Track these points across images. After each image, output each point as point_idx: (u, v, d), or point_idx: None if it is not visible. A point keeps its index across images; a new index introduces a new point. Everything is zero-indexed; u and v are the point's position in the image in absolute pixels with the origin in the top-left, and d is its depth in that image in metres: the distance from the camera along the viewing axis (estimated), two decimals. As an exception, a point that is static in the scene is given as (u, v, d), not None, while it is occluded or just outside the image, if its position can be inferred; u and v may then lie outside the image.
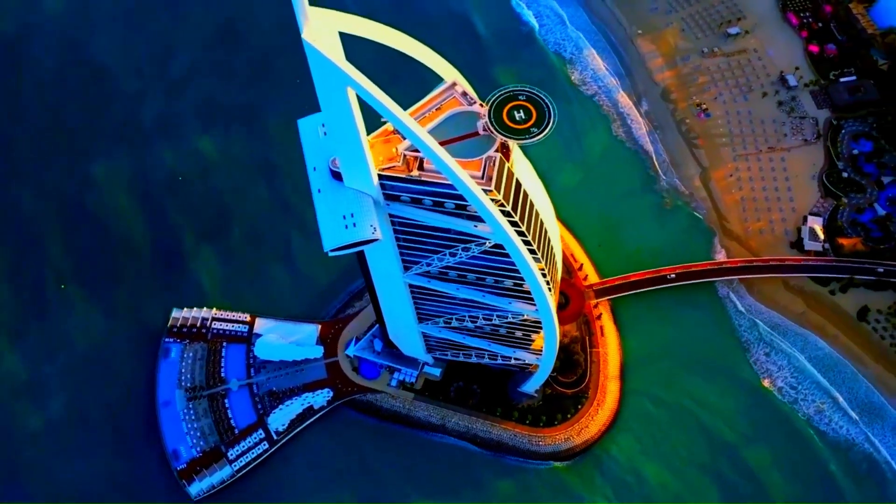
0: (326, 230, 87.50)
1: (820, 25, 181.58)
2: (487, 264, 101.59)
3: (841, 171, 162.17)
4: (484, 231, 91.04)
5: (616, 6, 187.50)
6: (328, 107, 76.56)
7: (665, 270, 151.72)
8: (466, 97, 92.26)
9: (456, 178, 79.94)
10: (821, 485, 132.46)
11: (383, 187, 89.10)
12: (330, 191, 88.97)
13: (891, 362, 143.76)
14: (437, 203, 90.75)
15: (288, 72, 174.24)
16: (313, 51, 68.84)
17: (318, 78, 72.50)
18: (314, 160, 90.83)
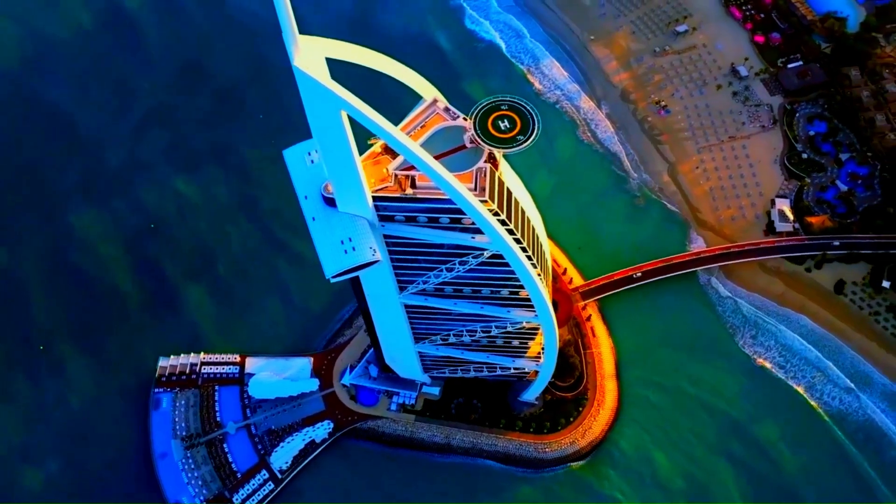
0: (326, 257, 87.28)
1: (762, 16, 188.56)
2: (483, 275, 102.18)
3: (800, 152, 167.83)
4: (482, 242, 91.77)
5: (566, 15, 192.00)
6: (321, 132, 76.80)
7: (647, 266, 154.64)
8: (449, 112, 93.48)
9: (454, 192, 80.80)
10: (828, 452, 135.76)
11: (377, 209, 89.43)
12: (324, 218, 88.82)
13: (871, 331, 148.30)
14: (431, 219, 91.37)
15: (253, 107, 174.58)
16: (306, 77, 69.21)
17: (311, 104, 72.79)
18: (304, 189, 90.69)
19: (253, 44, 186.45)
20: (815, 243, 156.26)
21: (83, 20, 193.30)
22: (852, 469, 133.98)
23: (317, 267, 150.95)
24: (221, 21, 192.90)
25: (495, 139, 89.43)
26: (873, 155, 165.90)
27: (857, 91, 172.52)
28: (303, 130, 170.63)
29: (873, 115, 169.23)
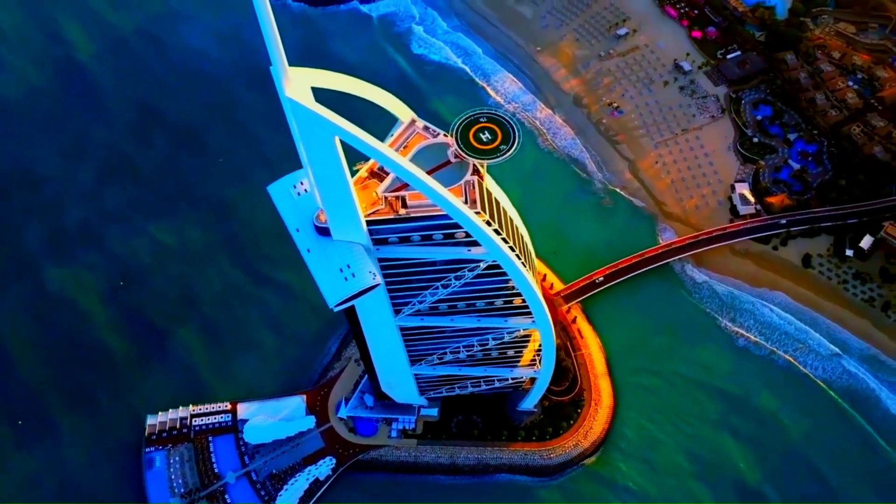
0: (326, 286, 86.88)
1: (696, 13, 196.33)
2: (478, 288, 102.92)
3: (751, 137, 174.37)
4: (478, 253, 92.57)
5: (510, 30, 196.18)
6: (315, 160, 76.87)
7: (625, 262, 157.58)
8: (429, 130, 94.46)
9: (451, 206, 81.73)
10: (826, 414, 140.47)
11: (371, 232, 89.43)
12: (319, 248, 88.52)
13: (842, 299, 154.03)
14: (425, 237, 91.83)
15: (215, 147, 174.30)
16: (299, 107, 69.48)
17: (304, 132, 72.94)
18: (295, 222, 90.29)
19: (207, 84, 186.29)
20: (778, 222, 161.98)
21: (32, 78, 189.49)
22: (852, 427, 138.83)
23: (298, 303, 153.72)
24: (174, 65, 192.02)
25: (479, 151, 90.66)
26: (819, 132, 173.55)
27: (794, 74, 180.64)
28: (268, 166, 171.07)
29: (813, 95, 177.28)
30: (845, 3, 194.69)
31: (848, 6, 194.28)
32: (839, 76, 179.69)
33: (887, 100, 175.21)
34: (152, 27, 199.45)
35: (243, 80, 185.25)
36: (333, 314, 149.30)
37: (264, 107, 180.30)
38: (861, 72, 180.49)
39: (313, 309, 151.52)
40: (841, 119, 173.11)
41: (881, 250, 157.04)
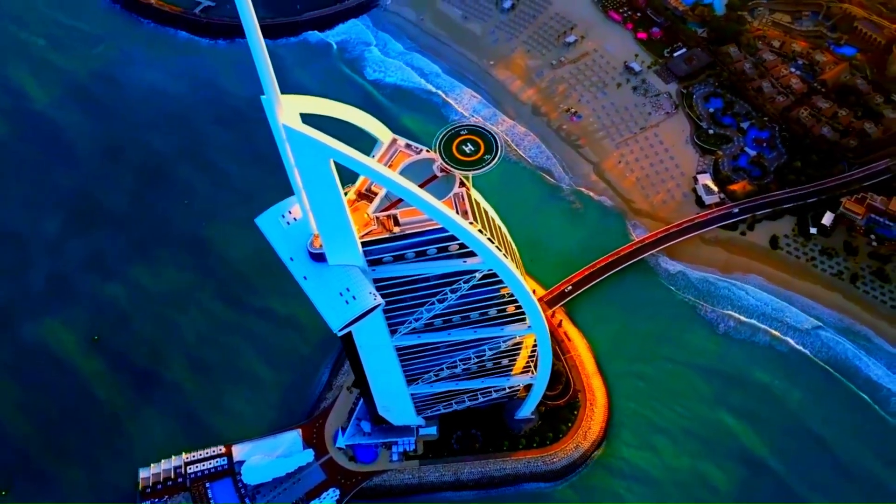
0: (328, 312, 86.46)
1: (639, 15, 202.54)
2: (473, 299, 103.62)
3: (706, 129, 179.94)
4: (474, 264, 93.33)
5: (462, 47, 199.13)
6: (310, 185, 76.85)
7: (601, 262, 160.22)
8: (411, 148, 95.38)
9: (448, 219, 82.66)
10: (817, 384, 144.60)
11: (366, 253, 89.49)
12: (316, 274, 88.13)
13: (812, 275, 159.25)
14: (419, 253, 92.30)
15: (181, 188, 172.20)
16: (295, 133, 69.63)
17: (300, 157, 73.06)
18: (287, 251, 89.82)
19: (170, 124, 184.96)
20: (743, 208, 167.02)
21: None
22: (841, 391, 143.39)
23: (284, 335, 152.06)
24: (134, 106, 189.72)
25: (464, 163, 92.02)
26: (769, 118, 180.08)
27: (739, 65, 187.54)
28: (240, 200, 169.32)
29: (759, 84, 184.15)
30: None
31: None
32: (781, 64, 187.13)
33: (829, 82, 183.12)
34: (108, 70, 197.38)
35: (206, 117, 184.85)
36: (321, 343, 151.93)
37: (230, 142, 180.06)
38: (801, 58, 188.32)
39: (300, 340, 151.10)
40: (788, 104, 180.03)
41: (842, 225, 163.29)
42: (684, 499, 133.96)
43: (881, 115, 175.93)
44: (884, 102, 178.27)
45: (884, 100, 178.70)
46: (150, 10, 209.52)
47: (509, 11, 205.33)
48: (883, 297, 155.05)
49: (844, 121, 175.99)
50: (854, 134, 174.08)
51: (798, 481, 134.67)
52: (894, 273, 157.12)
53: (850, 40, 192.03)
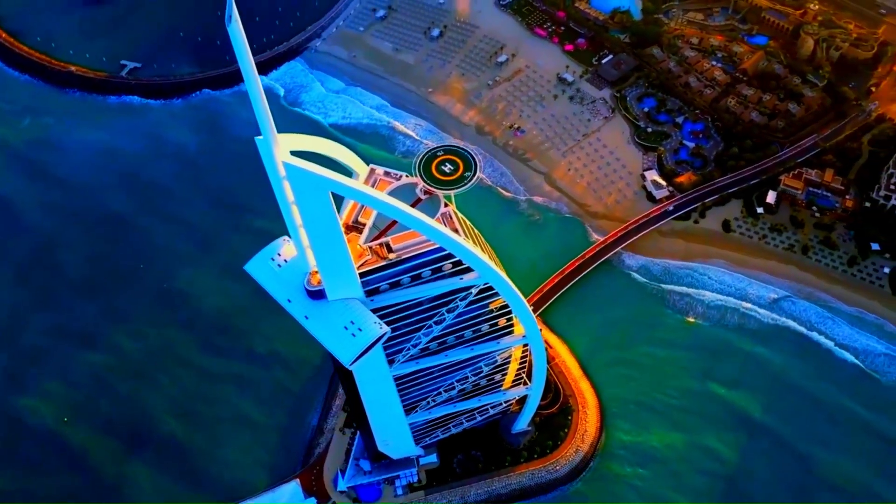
0: (337, 348, 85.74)
1: (563, 29, 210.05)
2: (467, 317, 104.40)
3: (644, 128, 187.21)
4: (470, 279, 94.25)
5: (398, 78, 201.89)
6: (310, 219, 76.63)
7: (567, 268, 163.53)
8: (391, 175, 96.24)
9: (447, 239, 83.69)
10: (793, 353, 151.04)
11: (364, 284, 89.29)
12: (317, 312, 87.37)
13: (767, 252, 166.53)
14: (414, 277, 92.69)
15: (136, 248, 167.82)
16: (295, 169, 69.73)
17: (300, 193, 73.09)
18: (283, 293, 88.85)
19: (117, 182, 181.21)
20: (692, 197, 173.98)
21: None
22: (820, 351, 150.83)
23: (269, 379, 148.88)
24: (76, 170, 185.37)
25: (447, 182, 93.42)
26: (700, 111, 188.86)
27: (664, 65, 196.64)
28: (200, 250, 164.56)
29: (686, 80, 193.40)
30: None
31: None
32: (703, 59, 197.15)
33: (749, 70, 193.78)
34: (44, 138, 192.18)
35: (154, 172, 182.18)
36: (309, 380, 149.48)
37: (182, 193, 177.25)
38: (720, 51, 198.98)
39: (288, 379, 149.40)
40: (716, 95, 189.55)
41: (785, 201, 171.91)
42: (691, 470, 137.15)
43: (801, 96, 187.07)
44: (801, 83, 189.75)
45: (801, 81, 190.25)
46: (74, 79, 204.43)
47: (438, 39, 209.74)
48: (833, 263, 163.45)
49: (769, 104, 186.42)
50: (780, 115, 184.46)
51: (795, 435, 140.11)
52: (840, 240, 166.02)
53: (761, 30, 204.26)
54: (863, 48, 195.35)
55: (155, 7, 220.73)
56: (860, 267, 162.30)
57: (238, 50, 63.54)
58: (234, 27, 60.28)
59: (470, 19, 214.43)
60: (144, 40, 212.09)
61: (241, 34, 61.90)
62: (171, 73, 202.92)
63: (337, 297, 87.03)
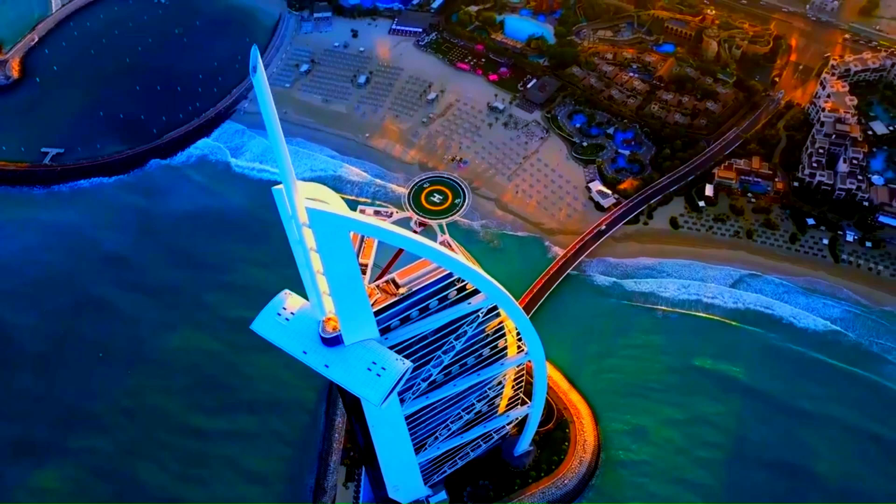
0: (364, 390, 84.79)
1: (484, 60, 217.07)
2: (472, 342, 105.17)
3: (580, 143, 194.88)
4: (478, 302, 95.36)
5: (333, 128, 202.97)
6: (331, 262, 76.23)
7: (536, 286, 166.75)
8: (381, 213, 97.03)
9: (458, 264, 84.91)
10: (765, 323, 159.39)
11: (378, 323, 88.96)
12: (337, 359, 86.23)
13: (715, 242, 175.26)
14: (422, 309, 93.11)
15: (84, 347, 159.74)
16: (318, 213, 69.97)
17: (322, 236, 72.97)
18: (298, 346, 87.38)
19: (50, 282, 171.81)
20: (637, 201, 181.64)
21: None
22: (786, 326, 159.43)
23: (257, 447, 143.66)
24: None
25: (440, 212, 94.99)
26: (628, 120, 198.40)
27: (586, 82, 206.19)
28: (150, 335, 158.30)
29: (609, 93, 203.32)
30: (593, 17, 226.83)
31: (596, 18, 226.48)
32: (620, 71, 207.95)
33: (665, 77, 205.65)
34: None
35: (88, 263, 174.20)
36: (300, 450, 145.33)
37: (122, 282, 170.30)
38: (634, 63, 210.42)
39: (278, 453, 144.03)
40: (639, 103, 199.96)
41: (722, 192, 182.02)
42: (697, 445, 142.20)
43: (716, 94, 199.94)
44: (713, 82, 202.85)
45: (713, 80, 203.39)
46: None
47: (366, 85, 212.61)
48: (777, 242, 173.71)
49: (689, 105, 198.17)
50: (701, 114, 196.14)
51: (783, 393, 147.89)
52: (778, 219, 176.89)
53: (667, 39, 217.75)
54: (760, 44, 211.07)
55: (68, 90, 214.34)
56: (801, 242, 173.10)
57: (261, 98, 63.44)
58: (259, 77, 60.37)
59: (393, 63, 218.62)
60: (63, 125, 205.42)
61: (265, 83, 61.96)
62: (99, 154, 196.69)
63: (354, 340, 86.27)
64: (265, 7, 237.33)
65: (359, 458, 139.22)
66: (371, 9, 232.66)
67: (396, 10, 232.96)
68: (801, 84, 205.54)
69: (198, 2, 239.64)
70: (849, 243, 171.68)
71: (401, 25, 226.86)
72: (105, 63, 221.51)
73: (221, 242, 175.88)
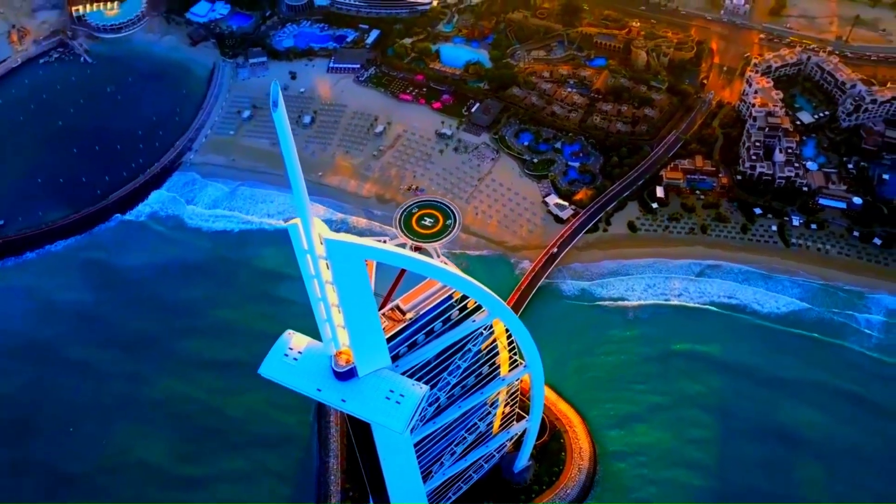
0: (386, 419, 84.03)
1: (425, 90, 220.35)
2: (470, 363, 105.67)
3: (530, 160, 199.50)
4: (481, 319, 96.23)
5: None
6: (347, 292, 75.97)
7: (510, 301, 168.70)
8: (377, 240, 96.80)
9: (463, 281, 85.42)
10: (732, 326, 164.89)
11: (389, 351, 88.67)
12: (351, 392, 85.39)
13: (673, 240, 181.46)
14: (428, 333, 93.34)
15: (64, 418, 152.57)
16: (335, 243, 70.05)
17: (339, 266, 72.86)
18: (310, 385, 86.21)
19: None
20: (593, 210, 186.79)
21: None
22: (753, 310, 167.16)
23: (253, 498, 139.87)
24: None
25: (432, 235, 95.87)
26: (573, 133, 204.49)
27: (528, 101, 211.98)
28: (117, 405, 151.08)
29: (551, 109, 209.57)
30: (524, 39, 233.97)
31: (527, 39, 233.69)
32: (559, 88, 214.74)
33: (602, 89, 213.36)
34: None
35: (44, 336, 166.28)
36: (299, 488, 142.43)
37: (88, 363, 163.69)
38: (571, 78, 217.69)
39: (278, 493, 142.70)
40: (582, 116, 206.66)
41: (672, 192, 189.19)
42: (687, 426, 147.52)
43: (652, 100, 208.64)
44: (648, 90, 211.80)
45: (647, 88, 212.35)
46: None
47: (312, 125, 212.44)
48: (730, 234, 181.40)
49: (628, 114, 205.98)
50: (641, 121, 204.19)
51: (761, 367, 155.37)
52: (728, 212, 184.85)
53: (597, 53, 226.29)
54: (685, 50, 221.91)
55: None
56: (752, 231, 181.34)
57: (281, 133, 63.61)
58: (280, 113, 60.38)
59: (336, 100, 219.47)
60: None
61: (285, 119, 62.11)
62: (43, 222, 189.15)
63: (367, 371, 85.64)
64: (197, 58, 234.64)
65: (359, 498, 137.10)
66: (306, 50, 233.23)
67: (332, 48, 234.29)
68: (727, 84, 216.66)
69: (127, 58, 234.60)
70: (795, 227, 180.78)
71: (338, 63, 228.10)
72: (36, 129, 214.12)
73: (187, 289, 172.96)
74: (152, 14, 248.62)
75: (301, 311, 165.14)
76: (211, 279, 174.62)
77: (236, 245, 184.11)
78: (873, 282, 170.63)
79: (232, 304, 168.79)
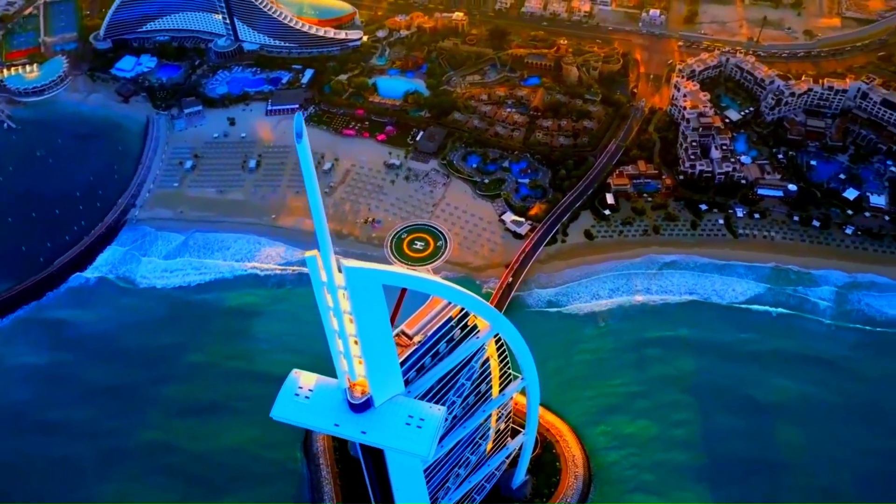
0: (410, 445, 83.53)
1: (367, 123, 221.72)
2: (472, 381, 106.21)
3: (481, 181, 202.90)
4: (484, 333, 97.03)
5: (239, 217, 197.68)
6: (364, 319, 75.63)
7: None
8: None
9: (467, 297, 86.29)
10: (706, 317, 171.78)
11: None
12: (370, 423, 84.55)
13: (628, 243, 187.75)
14: (434, 355, 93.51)
15: (51, 478, 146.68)
16: (354, 269, 70.20)
17: (356, 292, 72.70)
18: (326, 421, 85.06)
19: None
20: (549, 223, 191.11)
21: None
22: (715, 301, 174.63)
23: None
24: None
25: (424, 258, 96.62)
26: (518, 151, 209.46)
27: (470, 124, 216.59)
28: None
29: (494, 130, 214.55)
30: (457, 65, 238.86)
31: (460, 65, 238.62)
32: (499, 109, 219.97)
33: (540, 107, 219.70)
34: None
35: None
36: None
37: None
38: (509, 98, 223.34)
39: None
40: (525, 134, 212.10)
41: (622, 197, 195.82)
42: (669, 410, 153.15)
43: (589, 113, 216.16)
44: (583, 103, 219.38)
45: (582, 101, 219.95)
46: None
47: (258, 169, 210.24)
48: (682, 231, 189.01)
49: (569, 128, 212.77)
50: (581, 133, 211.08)
51: (731, 346, 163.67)
52: (676, 211, 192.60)
53: (530, 73, 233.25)
54: (612, 62, 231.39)
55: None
56: (702, 226, 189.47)
57: (304, 165, 63.32)
58: (304, 144, 60.22)
59: (278, 142, 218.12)
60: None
61: (308, 150, 61.99)
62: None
63: (383, 399, 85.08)
64: (129, 113, 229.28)
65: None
66: (241, 95, 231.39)
67: (267, 91, 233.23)
68: (656, 90, 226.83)
69: (54, 120, 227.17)
70: (741, 218, 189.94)
71: (276, 105, 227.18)
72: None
73: (154, 338, 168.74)
74: (75, 73, 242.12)
75: (270, 346, 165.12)
76: (175, 326, 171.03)
77: (196, 290, 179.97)
78: (818, 260, 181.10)
79: (201, 347, 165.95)
